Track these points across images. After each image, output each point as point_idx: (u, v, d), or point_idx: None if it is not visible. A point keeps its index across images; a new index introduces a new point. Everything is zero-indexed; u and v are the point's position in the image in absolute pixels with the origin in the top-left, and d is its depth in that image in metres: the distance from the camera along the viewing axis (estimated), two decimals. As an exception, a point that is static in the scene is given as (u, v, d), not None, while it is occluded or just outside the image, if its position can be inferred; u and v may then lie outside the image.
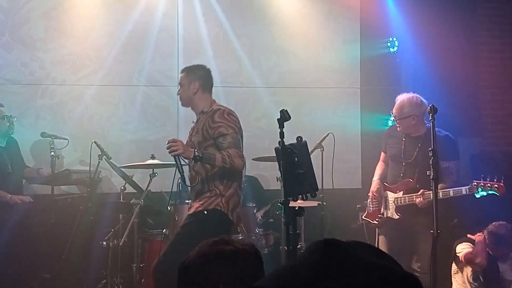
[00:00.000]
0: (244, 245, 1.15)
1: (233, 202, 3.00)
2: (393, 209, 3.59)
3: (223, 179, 2.97)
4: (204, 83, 3.13)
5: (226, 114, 3.00)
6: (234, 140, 2.95)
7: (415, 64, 4.99)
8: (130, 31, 4.70)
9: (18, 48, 4.56)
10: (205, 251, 1.13)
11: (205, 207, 2.94)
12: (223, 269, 1.09)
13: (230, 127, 2.96)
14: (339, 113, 4.97)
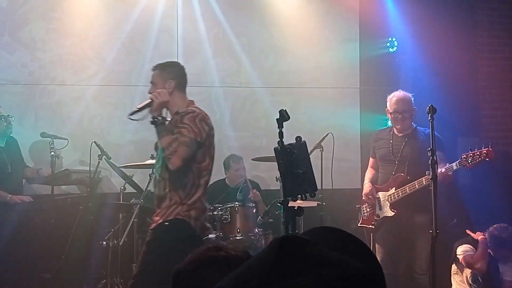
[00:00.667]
0: (237, 252, 1.15)
1: (197, 211, 2.80)
2: (387, 206, 3.61)
3: (185, 187, 2.78)
4: (179, 82, 2.93)
5: (198, 120, 2.80)
6: (188, 143, 2.74)
7: (414, 64, 5.00)
8: (130, 31, 4.71)
9: (19, 49, 4.57)
10: (197, 257, 1.14)
11: (166, 217, 2.75)
12: (216, 275, 1.08)
13: (194, 132, 2.76)
14: (339, 113, 4.98)
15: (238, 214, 3.79)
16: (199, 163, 2.81)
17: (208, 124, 2.84)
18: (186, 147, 2.75)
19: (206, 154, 2.83)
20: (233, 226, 3.77)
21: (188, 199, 2.78)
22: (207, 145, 2.84)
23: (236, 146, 4.74)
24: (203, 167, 2.83)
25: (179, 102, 2.89)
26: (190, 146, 2.76)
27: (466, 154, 3.31)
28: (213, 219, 3.73)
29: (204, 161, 2.82)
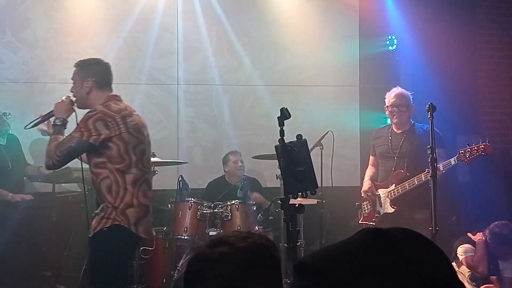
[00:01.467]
0: (238, 244, 1.18)
1: (134, 213, 2.68)
2: (388, 203, 3.64)
3: (110, 190, 2.67)
4: (99, 81, 2.81)
5: (92, 120, 2.66)
6: (69, 143, 2.66)
7: (414, 62, 5.02)
8: (130, 29, 4.72)
9: (21, 48, 4.58)
10: (202, 250, 1.17)
11: (103, 225, 2.67)
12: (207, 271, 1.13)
13: (81, 132, 2.66)
14: (338, 111, 5.00)
15: (239, 211, 3.81)
16: (117, 164, 2.67)
17: (108, 125, 2.66)
18: (63, 147, 2.67)
19: (124, 153, 2.68)
20: (234, 224, 3.79)
21: (119, 202, 2.67)
22: (120, 145, 2.68)
23: (236, 144, 4.76)
24: (124, 167, 2.68)
25: (96, 101, 2.77)
26: (76, 144, 2.66)
27: (464, 149, 3.33)
28: (213, 216, 3.75)
29: (123, 161, 2.68)
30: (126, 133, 2.69)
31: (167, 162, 4.18)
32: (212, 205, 3.80)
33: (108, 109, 2.71)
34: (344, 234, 3.38)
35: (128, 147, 2.70)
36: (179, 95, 4.84)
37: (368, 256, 0.65)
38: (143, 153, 2.77)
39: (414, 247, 0.67)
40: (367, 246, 0.66)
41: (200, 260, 1.13)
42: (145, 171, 2.78)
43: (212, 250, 1.14)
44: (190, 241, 3.72)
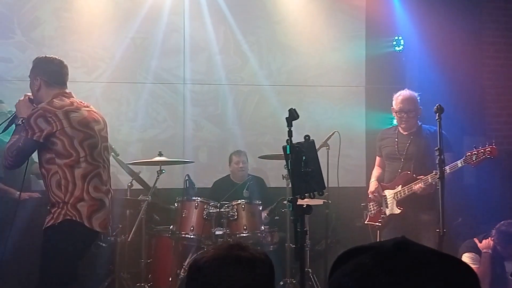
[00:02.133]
0: (260, 254, 1.18)
1: (86, 207, 2.72)
2: (394, 204, 3.64)
3: (60, 186, 2.71)
4: (48, 79, 2.84)
5: (34, 118, 2.71)
6: (17, 143, 2.72)
7: (420, 63, 5.01)
8: (137, 28, 4.74)
9: (30, 47, 4.61)
10: (222, 254, 1.15)
11: (55, 220, 2.71)
12: (240, 274, 1.11)
13: (26, 130, 2.71)
14: (344, 111, 5.00)
15: (245, 211, 3.82)
16: (65, 159, 2.72)
17: (49, 120, 2.70)
18: (13, 147, 2.73)
19: (70, 148, 2.72)
20: (240, 223, 3.80)
21: (69, 197, 2.71)
22: (65, 139, 2.72)
23: (242, 144, 4.77)
24: (72, 161, 2.72)
25: (45, 98, 2.81)
26: (21, 145, 2.71)
27: (470, 152, 3.33)
28: (220, 216, 3.76)
29: (71, 156, 2.72)
30: (69, 127, 2.73)
31: (174, 161, 4.19)
32: (218, 205, 3.81)
33: (49, 106, 2.75)
34: (349, 235, 3.40)
35: (74, 142, 2.73)
36: (185, 95, 4.86)
37: (392, 253, 0.71)
38: (93, 147, 2.80)
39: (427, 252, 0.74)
40: (392, 244, 0.72)
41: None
42: (97, 165, 2.81)
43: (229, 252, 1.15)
44: (196, 240, 3.74)
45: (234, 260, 1.13)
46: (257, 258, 1.15)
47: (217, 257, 1.15)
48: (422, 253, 0.70)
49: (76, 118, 2.77)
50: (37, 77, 2.84)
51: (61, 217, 2.70)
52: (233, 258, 1.14)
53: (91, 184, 2.75)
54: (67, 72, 2.95)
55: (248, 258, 1.14)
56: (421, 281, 0.66)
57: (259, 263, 1.15)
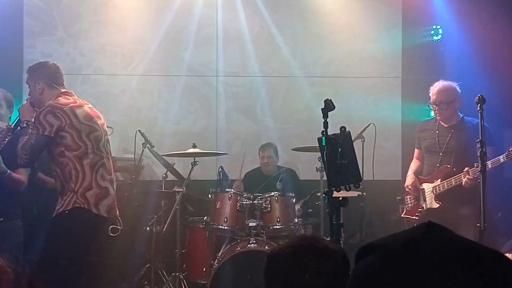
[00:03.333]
0: (333, 245, 1.21)
1: (92, 195, 2.94)
2: (432, 198, 3.55)
3: (71, 176, 2.93)
4: (50, 81, 3.05)
5: (43, 115, 2.90)
6: (29, 141, 2.90)
7: (459, 52, 4.85)
8: (171, 21, 4.78)
9: (68, 41, 4.74)
10: (296, 243, 1.19)
11: (65, 207, 2.93)
12: (312, 262, 1.14)
13: (36, 127, 2.91)
14: (380, 103, 4.91)
15: (278, 203, 3.82)
16: (74, 151, 2.93)
17: (57, 115, 2.90)
18: (26, 146, 2.91)
19: (78, 140, 2.93)
20: (273, 215, 3.80)
21: (79, 187, 2.92)
22: (73, 133, 2.92)
23: (275, 136, 4.76)
24: (81, 153, 2.94)
25: (49, 99, 3.00)
26: (33, 142, 2.90)
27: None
28: (253, 208, 3.77)
29: (79, 148, 2.93)
30: (77, 121, 2.95)
31: (208, 153, 4.23)
32: (251, 197, 3.82)
33: (56, 103, 2.97)
34: (384, 228, 3.34)
35: (82, 135, 2.95)
36: (218, 87, 4.88)
37: (423, 236, 0.71)
38: (98, 140, 3.02)
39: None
40: (423, 230, 0.71)
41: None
42: (102, 156, 3.03)
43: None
44: (230, 232, 3.76)
45: (307, 249, 1.17)
46: (330, 249, 1.18)
47: (291, 245, 1.19)
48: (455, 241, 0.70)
49: (81, 114, 2.99)
50: (39, 81, 3.05)
51: (71, 204, 2.93)
52: (306, 247, 1.17)
53: (98, 173, 2.99)
54: (62, 73, 3.17)
55: (321, 248, 1.17)
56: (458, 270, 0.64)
57: (331, 253, 1.17)
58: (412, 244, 0.68)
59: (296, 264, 1.13)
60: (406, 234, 0.71)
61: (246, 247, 3.58)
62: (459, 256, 0.66)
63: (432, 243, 0.68)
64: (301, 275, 1.11)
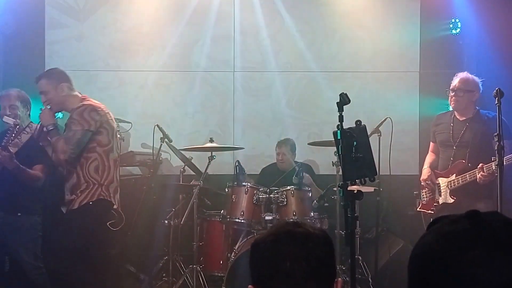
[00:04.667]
0: (315, 230, 1.19)
1: (113, 188, 3.23)
2: (447, 193, 3.53)
3: (97, 170, 3.17)
4: (69, 83, 3.27)
5: (87, 112, 3.15)
6: (76, 136, 3.12)
7: (478, 46, 4.78)
8: (189, 17, 4.83)
9: (86, 37, 4.82)
10: (276, 231, 1.19)
11: (89, 198, 3.15)
12: (292, 248, 1.14)
13: (81, 124, 3.13)
14: (397, 97, 4.88)
15: (294, 197, 3.84)
16: (105, 146, 3.20)
17: (99, 113, 3.18)
18: (70, 140, 3.12)
19: (109, 137, 3.22)
20: (289, 209, 3.82)
21: (104, 179, 3.18)
22: (108, 129, 3.21)
23: (293, 131, 4.77)
24: (109, 149, 3.21)
25: (72, 100, 3.24)
26: (80, 136, 3.13)
27: None
28: (269, 201, 3.80)
29: (109, 144, 3.21)
30: (111, 120, 3.26)
31: (225, 148, 4.27)
32: (268, 190, 3.85)
33: (92, 102, 3.24)
34: (400, 223, 3.33)
35: (112, 132, 3.24)
36: (235, 82, 4.92)
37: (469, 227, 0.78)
38: (116, 137, 3.32)
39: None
40: (470, 220, 0.77)
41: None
42: (118, 153, 3.37)
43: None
44: (246, 225, 3.80)
45: (287, 235, 1.16)
46: (311, 234, 1.16)
47: (272, 233, 1.19)
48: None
49: (109, 114, 3.28)
50: (61, 84, 3.24)
51: (95, 196, 3.16)
52: (286, 233, 1.16)
53: (117, 168, 3.29)
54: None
55: (301, 233, 1.16)
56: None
57: (313, 238, 1.16)
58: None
59: (276, 251, 1.13)
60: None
61: (263, 240, 3.61)
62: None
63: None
64: (282, 262, 1.11)
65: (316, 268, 1.12)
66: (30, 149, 3.37)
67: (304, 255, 1.13)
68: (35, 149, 3.38)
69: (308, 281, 1.12)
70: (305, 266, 1.11)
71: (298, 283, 1.11)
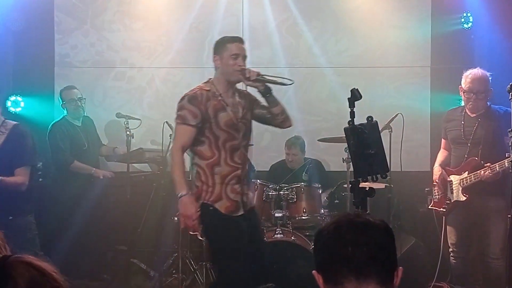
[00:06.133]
0: (376, 220, 1.25)
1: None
2: (459, 191, 3.49)
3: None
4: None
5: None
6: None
7: (490, 41, 4.71)
8: (197, 14, 4.81)
9: (93, 33, 4.83)
10: (338, 220, 1.25)
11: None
12: (353, 235, 1.19)
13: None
14: (408, 93, 4.83)
15: (304, 194, 3.82)
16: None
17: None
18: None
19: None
20: (299, 206, 3.81)
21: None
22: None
23: (303, 128, 4.74)
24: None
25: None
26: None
27: None
28: (279, 198, 3.79)
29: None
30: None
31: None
32: (277, 187, 3.84)
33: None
34: (412, 220, 3.29)
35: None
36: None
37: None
38: None
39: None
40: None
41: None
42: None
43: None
44: (256, 222, 3.78)
45: (348, 223, 1.22)
46: (371, 223, 1.22)
47: (333, 222, 1.24)
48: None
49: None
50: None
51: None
52: (347, 222, 1.22)
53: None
54: None
55: (362, 222, 1.22)
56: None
57: (373, 226, 1.21)
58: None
59: (338, 238, 1.20)
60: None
61: (273, 237, 3.60)
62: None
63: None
64: (343, 248, 1.18)
65: (376, 254, 1.18)
66: (8, 152, 3.14)
67: (365, 241, 1.19)
68: (13, 151, 3.15)
69: (369, 267, 1.17)
70: (365, 252, 1.17)
71: (358, 267, 1.17)
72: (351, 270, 1.16)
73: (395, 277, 1.20)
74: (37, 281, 0.73)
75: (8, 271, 0.72)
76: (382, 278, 1.17)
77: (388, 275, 1.19)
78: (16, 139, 3.18)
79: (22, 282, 0.71)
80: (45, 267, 0.75)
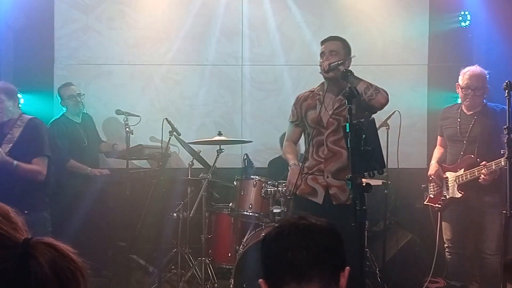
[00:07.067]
0: (320, 222, 1.23)
1: None
2: (455, 188, 3.52)
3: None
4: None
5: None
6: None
7: (488, 39, 4.74)
8: (197, 11, 4.83)
9: (93, 30, 4.84)
10: (281, 224, 1.24)
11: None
12: (294, 238, 1.18)
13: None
14: (406, 90, 4.86)
15: (302, 190, 3.84)
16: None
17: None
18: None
19: None
20: (297, 202, 3.82)
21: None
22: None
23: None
24: None
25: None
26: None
27: None
28: (278, 194, 3.81)
29: None
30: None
31: (233, 141, 4.29)
32: (276, 183, 3.86)
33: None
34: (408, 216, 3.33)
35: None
36: (244, 76, 4.92)
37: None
38: None
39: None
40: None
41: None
42: None
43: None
44: (254, 218, 3.82)
45: (290, 227, 1.20)
46: (314, 224, 1.20)
47: (277, 227, 1.23)
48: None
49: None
50: (348, 56, 3.21)
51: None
52: (289, 226, 1.20)
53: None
54: None
55: (304, 224, 1.20)
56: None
57: (315, 228, 1.19)
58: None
59: (280, 243, 1.18)
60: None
61: (271, 233, 3.63)
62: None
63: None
64: (285, 253, 1.16)
65: (318, 257, 1.15)
66: (25, 143, 3.13)
67: (305, 244, 1.16)
68: (30, 142, 3.14)
69: (311, 270, 1.15)
70: (305, 255, 1.15)
71: (301, 272, 1.14)
72: (293, 275, 1.14)
73: (341, 278, 1.18)
74: (57, 261, 0.76)
75: (31, 251, 0.76)
76: (326, 281, 1.15)
77: (333, 276, 1.17)
78: (32, 131, 3.17)
79: (44, 261, 0.74)
80: (65, 248, 0.79)
